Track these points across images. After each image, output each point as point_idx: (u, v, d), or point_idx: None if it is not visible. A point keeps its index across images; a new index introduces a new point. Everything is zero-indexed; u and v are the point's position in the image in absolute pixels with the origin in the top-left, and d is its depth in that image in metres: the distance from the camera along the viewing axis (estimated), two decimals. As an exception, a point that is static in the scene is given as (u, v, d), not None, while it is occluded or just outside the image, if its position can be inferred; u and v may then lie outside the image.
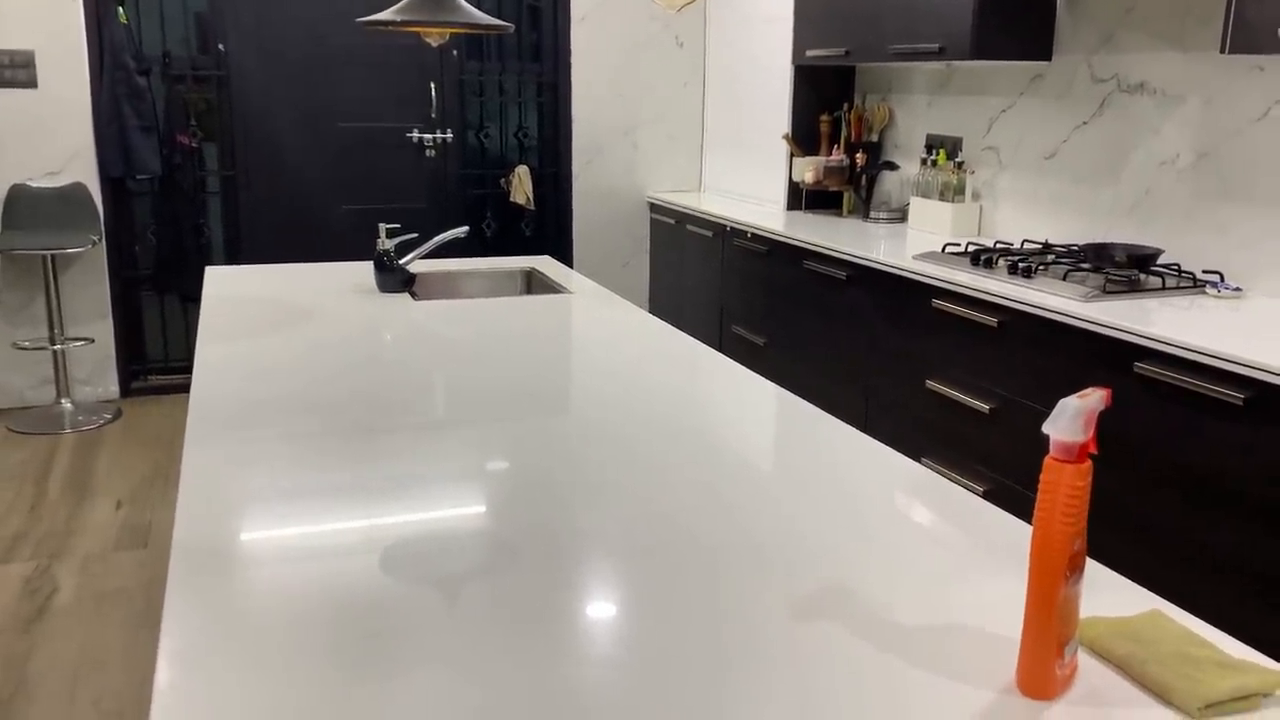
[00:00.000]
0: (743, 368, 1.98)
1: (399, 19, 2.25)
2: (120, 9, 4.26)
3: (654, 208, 5.11)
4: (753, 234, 4.05)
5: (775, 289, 3.93)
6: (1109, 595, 1.09)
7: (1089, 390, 0.87)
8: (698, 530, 1.24)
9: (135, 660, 2.60)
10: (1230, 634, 1.01)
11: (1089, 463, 0.87)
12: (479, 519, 1.27)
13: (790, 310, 3.83)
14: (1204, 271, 2.82)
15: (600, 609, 1.06)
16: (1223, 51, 2.36)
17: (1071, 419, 0.86)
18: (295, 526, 1.24)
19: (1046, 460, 0.87)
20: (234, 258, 4.69)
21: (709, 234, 4.46)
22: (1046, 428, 0.87)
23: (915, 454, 3.07)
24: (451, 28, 2.26)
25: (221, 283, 2.67)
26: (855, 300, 3.41)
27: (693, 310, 4.68)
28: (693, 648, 0.98)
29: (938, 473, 1.46)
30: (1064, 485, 0.87)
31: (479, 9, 2.38)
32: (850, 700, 0.90)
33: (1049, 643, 0.89)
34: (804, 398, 1.82)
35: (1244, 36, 2.32)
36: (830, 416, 1.70)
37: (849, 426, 1.65)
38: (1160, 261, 2.86)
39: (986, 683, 0.93)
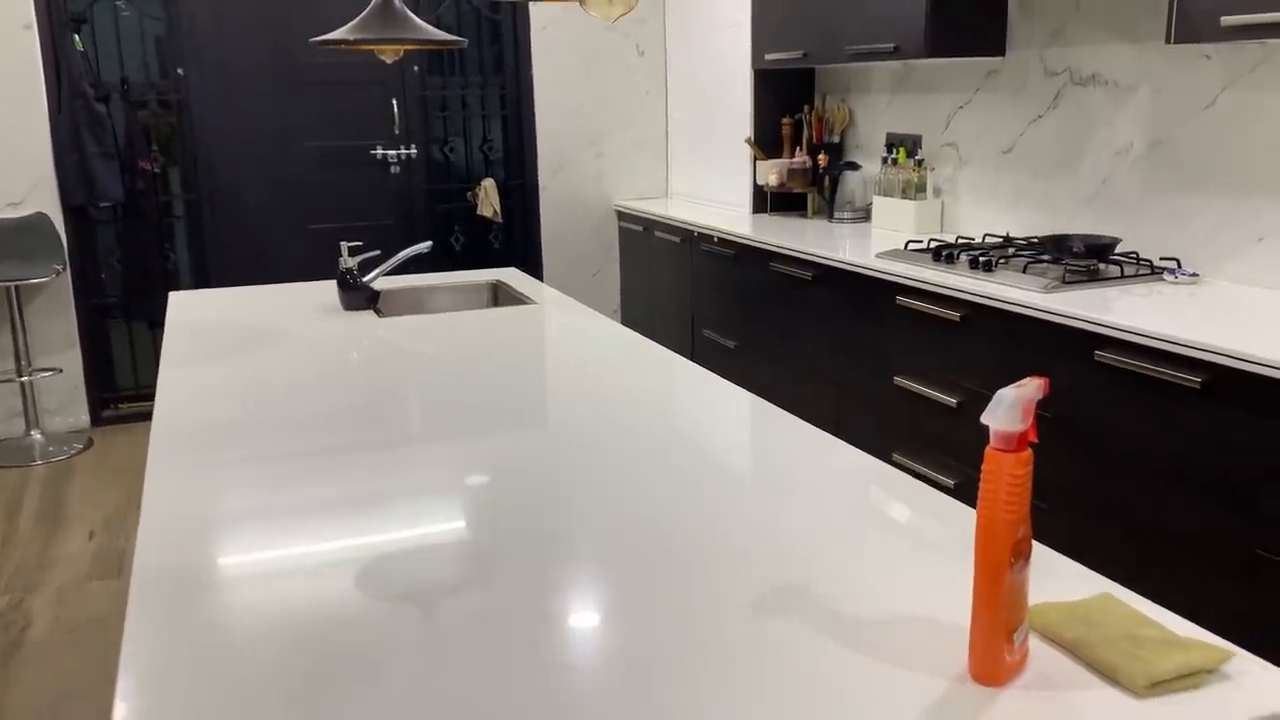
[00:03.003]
0: (709, 373, 1.99)
1: (353, 37, 2.25)
2: (76, 36, 4.24)
3: (621, 215, 5.13)
4: (720, 238, 4.07)
5: (744, 292, 3.95)
6: (1062, 580, 1.11)
7: (1026, 380, 0.89)
8: (668, 535, 1.25)
9: (112, 691, 2.58)
10: (1193, 612, 1.04)
11: (1029, 451, 0.89)
12: (450, 534, 1.28)
13: (759, 312, 3.85)
14: (1161, 259, 2.86)
15: (575, 617, 1.07)
16: (1168, 42, 2.40)
17: (1009, 409, 0.87)
18: (262, 549, 1.24)
19: (987, 450, 0.89)
20: (201, 282, 4.67)
21: (677, 240, 4.48)
22: (985, 418, 0.88)
23: (886, 450, 3.09)
24: (405, 45, 2.27)
25: (185, 308, 2.67)
26: (822, 300, 3.43)
27: (664, 316, 4.70)
28: (664, 650, 0.99)
29: (908, 468, 1.48)
30: (1005, 474, 0.88)
31: (437, 23, 2.39)
32: (807, 693, 0.91)
33: (997, 629, 0.90)
34: (776, 398, 1.83)
35: (1187, 26, 2.36)
36: (796, 418, 1.72)
37: (814, 428, 1.67)
38: (1118, 250, 2.90)
39: (940, 671, 0.94)
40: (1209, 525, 2.16)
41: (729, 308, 4.08)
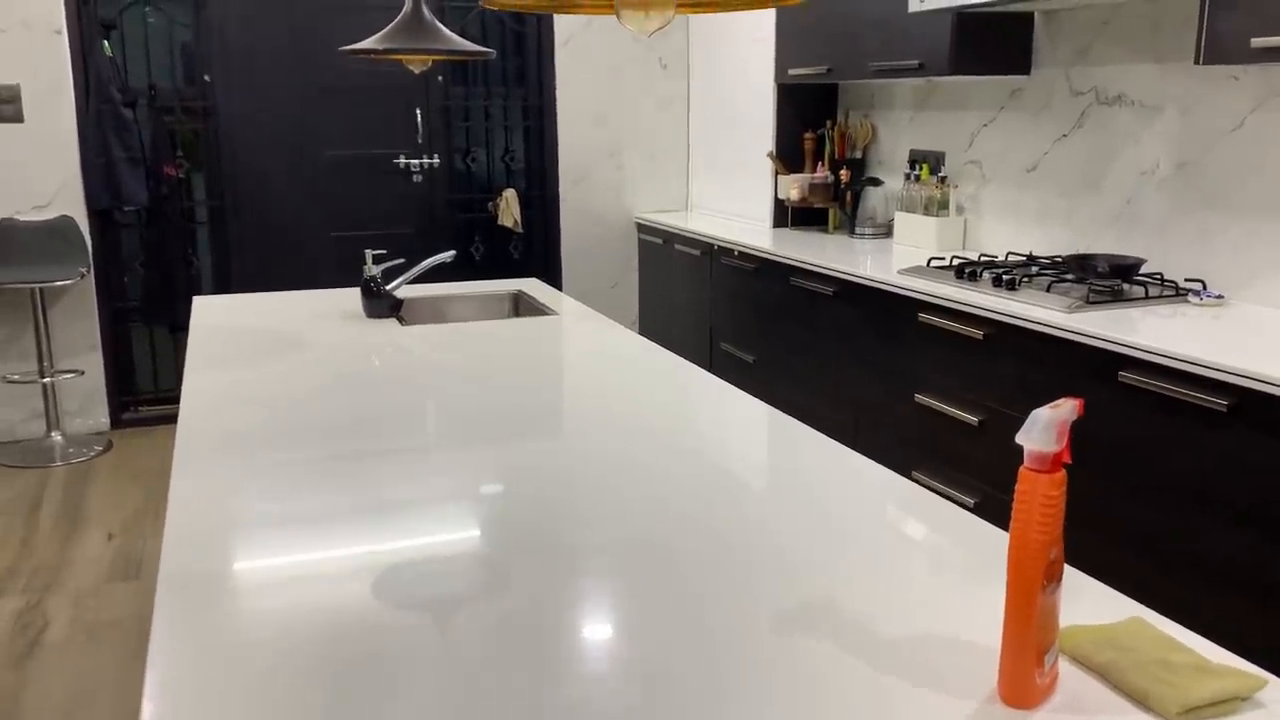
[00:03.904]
0: (729, 386, 1.99)
1: (381, 47, 2.26)
2: (105, 41, 4.29)
3: (641, 228, 5.13)
4: (740, 252, 4.07)
5: (763, 306, 3.95)
6: (1091, 603, 1.10)
7: (1061, 401, 0.89)
8: (687, 548, 1.25)
9: (129, 693, 2.59)
10: (1218, 639, 1.02)
11: (1063, 472, 0.88)
12: (470, 542, 1.28)
13: (778, 327, 3.84)
14: (1186, 280, 2.84)
15: (592, 629, 1.06)
16: (1196, 63, 2.39)
17: (1044, 429, 0.87)
18: (285, 554, 1.24)
19: (1021, 470, 0.88)
20: (223, 287, 4.70)
21: (697, 253, 4.48)
22: (1020, 438, 0.88)
23: (906, 467, 3.08)
24: (433, 55, 2.28)
25: (209, 312, 2.68)
26: (843, 316, 3.43)
27: (682, 329, 4.69)
28: (684, 664, 0.98)
29: (928, 486, 1.47)
30: (1039, 495, 0.87)
31: (463, 33, 2.41)
32: (834, 713, 0.90)
33: (1028, 651, 0.90)
34: (794, 414, 1.83)
35: (1217, 47, 2.35)
36: (816, 433, 1.71)
37: (834, 442, 1.66)
38: (1143, 271, 2.88)
39: (969, 692, 0.93)
40: (1234, 550, 2.14)
41: (748, 322, 4.08)
